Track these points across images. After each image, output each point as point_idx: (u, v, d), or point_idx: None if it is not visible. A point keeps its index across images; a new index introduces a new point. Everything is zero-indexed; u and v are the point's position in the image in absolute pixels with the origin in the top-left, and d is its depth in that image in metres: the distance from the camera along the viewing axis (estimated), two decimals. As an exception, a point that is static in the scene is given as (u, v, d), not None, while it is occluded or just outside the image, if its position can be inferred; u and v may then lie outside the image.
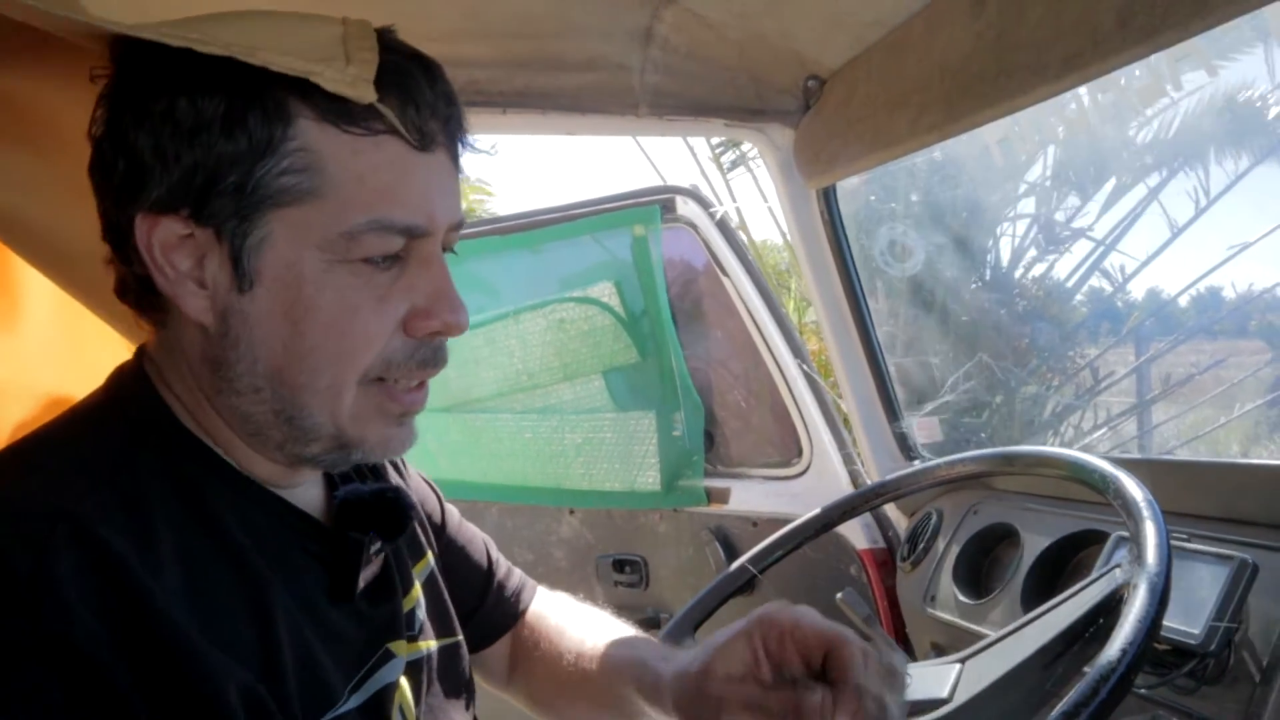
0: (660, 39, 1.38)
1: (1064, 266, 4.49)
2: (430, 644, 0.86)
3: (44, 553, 0.56)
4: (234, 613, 0.65)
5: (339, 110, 0.64)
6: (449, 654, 0.89)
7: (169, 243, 0.65)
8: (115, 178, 0.66)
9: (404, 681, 0.80)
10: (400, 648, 0.80)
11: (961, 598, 1.31)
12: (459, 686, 0.90)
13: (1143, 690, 0.98)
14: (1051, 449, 1.05)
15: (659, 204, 1.93)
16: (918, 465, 1.25)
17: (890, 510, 1.67)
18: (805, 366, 1.77)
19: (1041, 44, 1.03)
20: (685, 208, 1.90)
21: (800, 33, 1.38)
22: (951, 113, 1.17)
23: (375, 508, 0.79)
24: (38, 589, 0.55)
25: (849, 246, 1.59)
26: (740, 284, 1.84)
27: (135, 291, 0.70)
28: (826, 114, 1.46)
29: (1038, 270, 4.43)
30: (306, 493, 0.78)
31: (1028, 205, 4.52)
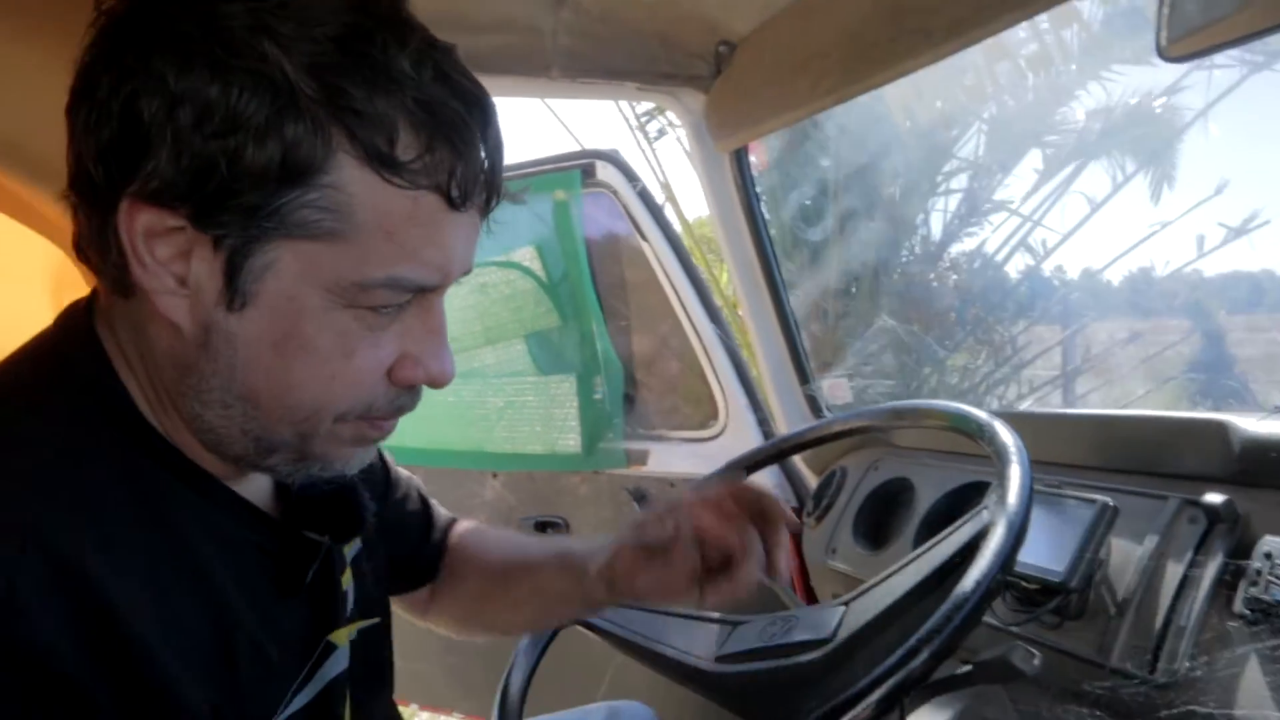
0: (572, 1, 1.39)
1: (989, 241, 4.60)
2: (357, 625, 0.84)
3: (11, 572, 0.54)
4: (194, 616, 0.63)
5: (384, 157, 0.58)
6: (373, 636, 0.87)
7: (154, 230, 0.58)
8: (105, 136, 0.58)
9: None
10: (340, 637, 0.79)
11: (859, 550, 1.36)
12: (382, 669, 0.91)
13: (1013, 627, 1.04)
14: (936, 401, 1.09)
15: (579, 169, 1.94)
16: (815, 422, 1.30)
17: (803, 470, 1.72)
18: (721, 331, 1.80)
19: (929, 9, 1.07)
20: (605, 173, 1.92)
21: (710, -2, 1.40)
22: (849, 76, 1.21)
23: (332, 508, 0.77)
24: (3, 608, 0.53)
25: (761, 210, 1.62)
26: (659, 249, 1.86)
27: (96, 248, 0.62)
28: (736, 78, 1.48)
29: (965, 244, 4.53)
30: (253, 483, 0.74)
31: (957, 181, 4.61)
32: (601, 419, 1.94)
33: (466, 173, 0.60)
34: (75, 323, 0.68)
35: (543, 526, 2.09)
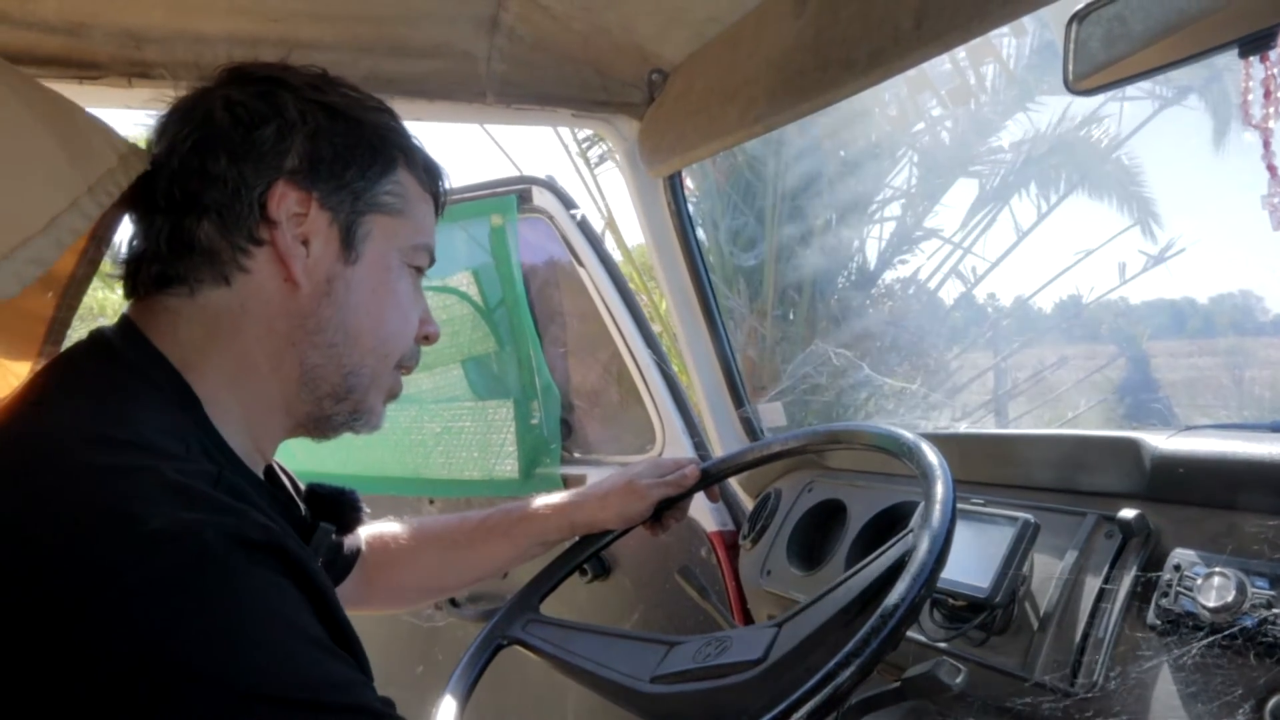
0: (506, 28, 1.40)
1: (922, 268, 4.70)
2: None
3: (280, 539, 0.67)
4: None
5: (419, 175, 0.90)
6: None
7: (291, 211, 0.81)
8: (258, 138, 0.81)
9: None
10: None
11: (794, 570, 1.37)
12: None
13: (941, 643, 1.06)
14: (866, 424, 1.12)
15: (516, 194, 1.94)
16: (750, 445, 1.31)
17: (739, 493, 1.73)
18: (657, 356, 1.81)
19: (851, 41, 1.10)
20: (541, 198, 1.93)
21: (642, 27, 1.43)
22: (775, 105, 1.24)
23: (338, 501, 0.98)
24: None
25: (695, 235, 1.64)
26: (595, 274, 1.87)
27: (164, 259, 0.81)
28: (668, 106, 1.51)
29: (899, 270, 4.63)
30: None
31: (890, 210, 4.71)
32: (538, 444, 1.94)
33: (444, 194, 0.95)
34: (117, 347, 0.79)
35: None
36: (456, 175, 1.01)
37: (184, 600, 0.59)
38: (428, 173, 0.92)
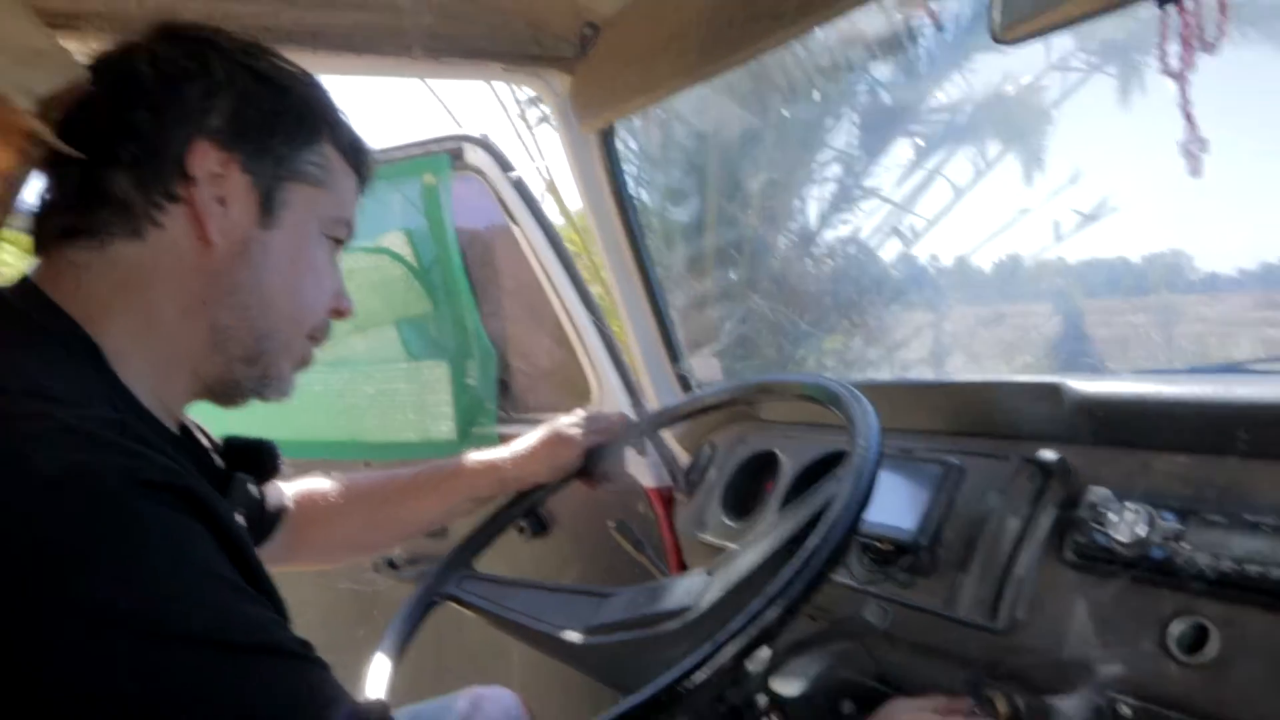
0: (431, -22, 1.37)
1: (862, 227, 4.74)
2: None
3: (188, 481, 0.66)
4: None
5: (344, 149, 0.89)
6: None
7: (211, 170, 0.79)
8: (182, 95, 0.79)
9: None
10: None
11: (728, 522, 1.39)
12: None
13: (870, 587, 1.08)
14: (796, 375, 1.13)
15: (448, 153, 1.91)
16: (684, 398, 1.32)
17: (676, 448, 1.74)
18: (593, 314, 1.80)
19: (779, -11, 1.09)
20: (475, 156, 1.90)
21: (572, -22, 1.40)
22: (707, 56, 1.23)
23: (255, 451, 0.96)
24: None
25: (629, 191, 1.63)
26: (530, 232, 1.85)
27: (74, 210, 0.79)
28: (600, 59, 1.49)
29: (839, 230, 4.66)
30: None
31: (832, 170, 4.73)
32: (475, 404, 1.93)
33: (369, 171, 0.94)
34: (20, 299, 0.77)
35: (419, 515, 2.06)
36: (397, 134, 1.01)
37: (85, 542, 0.57)
38: (353, 148, 0.91)
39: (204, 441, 0.95)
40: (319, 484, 1.29)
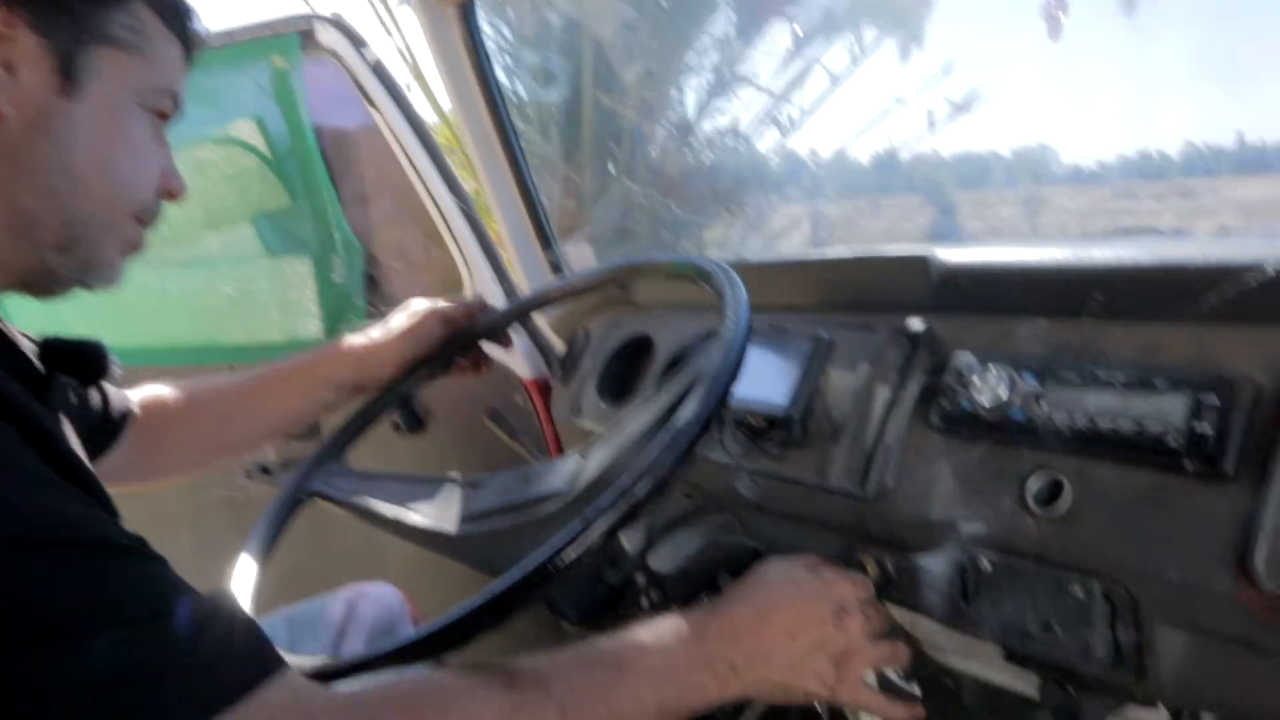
0: None
1: (741, 117, 4.70)
2: None
3: None
4: None
5: (161, 9, 0.81)
6: None
7: None
8: None
9: None
10: None
11: (604, 406, 1.38)
12: None
13: (743, 462, 1.08)
14: (664, 253, 1.10)
15: (298, 33, 1.78)
16: (553, 282, 1.28)
17: (552, 337, 1.71)
18: (460, 201, 1.73)
19: None
20: (328, 37, 1.77)
21: None
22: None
23: (79, 352, 0.88)
24: None
25: (492, 69, 1.55)
26: (391, 117, 1.75)
27: None
28: (454, -77, 1.39)
29: (717, 120, 4.62)
30: None
31: (710, 58, 4.65)
32: (343, 301, 1.85)
33: (196, 35, 0.86)
34: None
35: (291, 418, 1.99)
36: (242, 16, 0.92)
37: None
38: (172, 9, 0.83)
39: (19, 344, 0.87)
40: (167, 387, 1.22)
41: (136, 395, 1.18)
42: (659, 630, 0.83)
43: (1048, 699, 0.90)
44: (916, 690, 1.05)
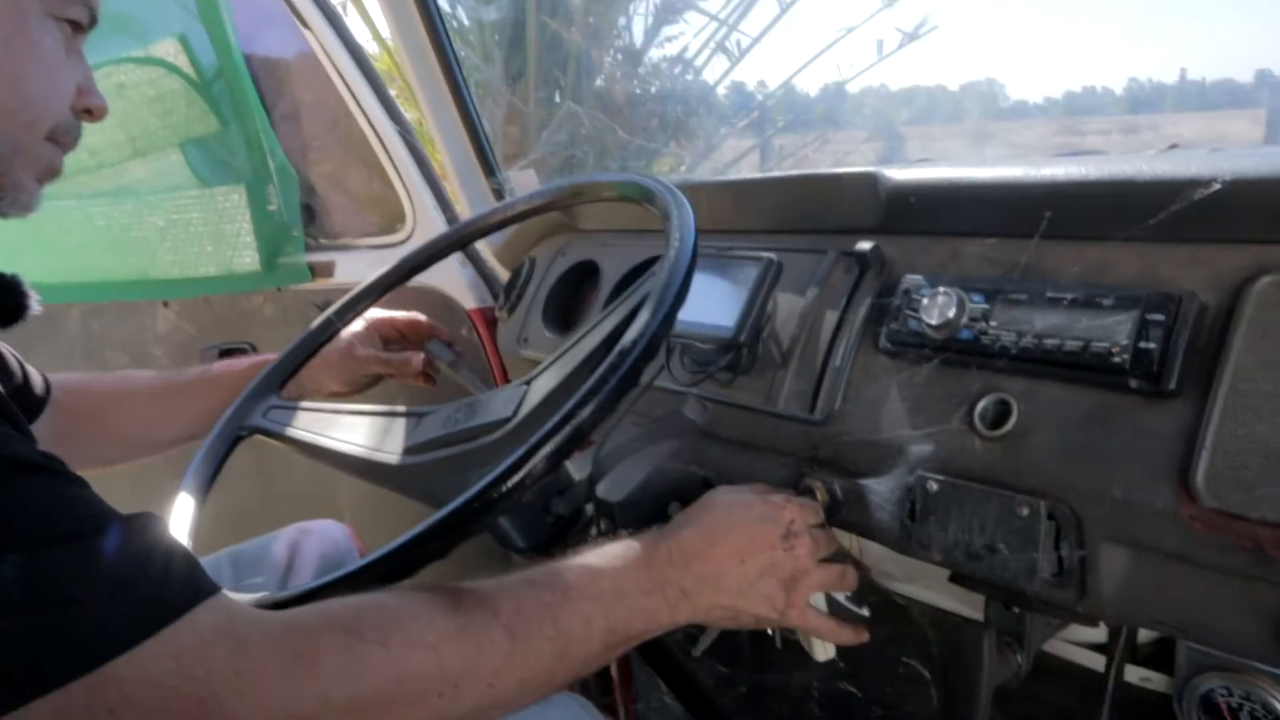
0: None
1: (690, 47, 4.62)
2: None
3: None
4: None
5: None
6: None
7: None
8: None
9: None
10: None
11: (549, 335, 1.35)
12: None
13: (691, 389, 1.07)
14: (607, 174, 1.07)
15: (222, -55, 1.69)
16: (498, 204, 1.24)
17: (496, 266, 1.67)
18: (401, 128, 1.67)
19: None
20: (254, -50, 1.69)
21: None
22: None
23: None
24: None
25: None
26: (324, 38, 1.68)
27: None
28: None
29: (665, 49, 4.53)
30: None
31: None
32: (279, 232, 1.79)
33: None
34: None
35: (229, 354, 1.93)
36: None
37: None
38: None
39: None
40: (91, 378, 1.20)
41: (59, 381, 1.15)
42: (608, 554, 0.82)
43: (993, 619, 0.91)
44: (865, 614, 1.06)
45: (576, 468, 1.01)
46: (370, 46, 3.28)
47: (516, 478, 0.72)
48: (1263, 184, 0.75)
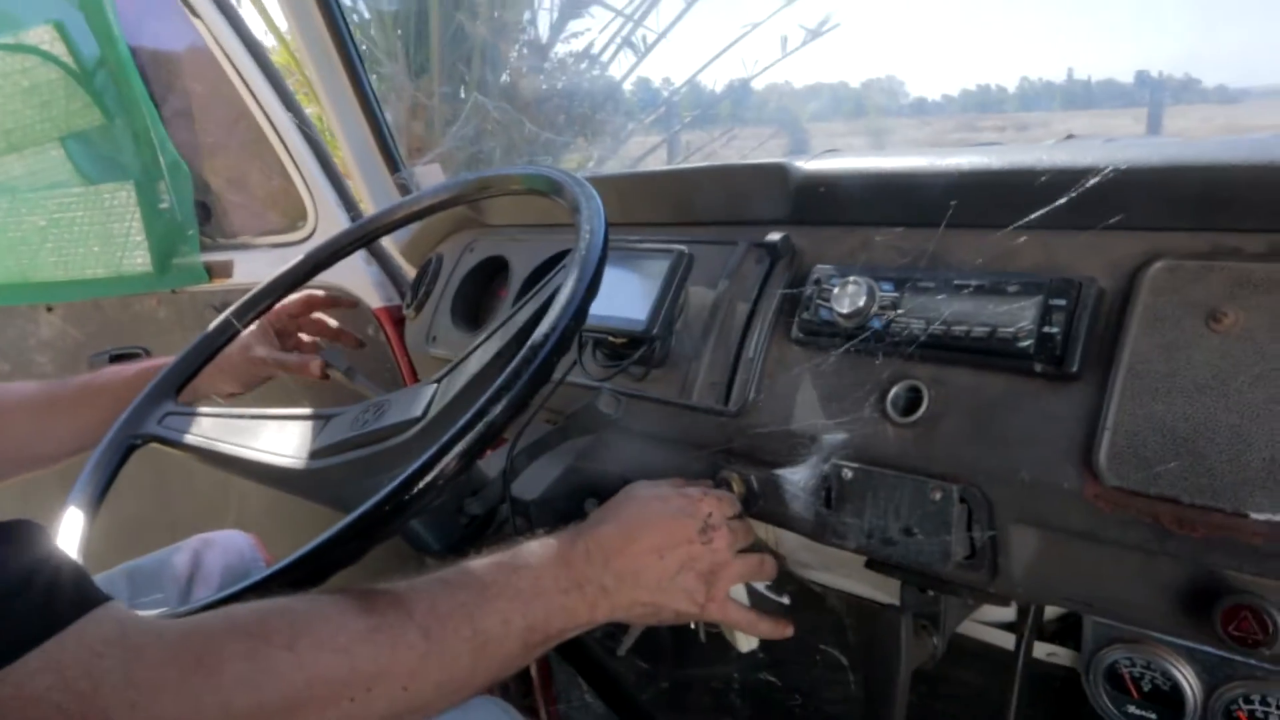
0: None
1: (596, 42, 4.61)
2: None
3: None
4: None
5: None
6: None
7: None
8: None
9: None
10: None
11: (458, 332, 1.32)
12: None
13: (604, 384, 1.05)
14: (515, 166, 1.05)
15: (103, -70, 1.61)
16: (402, 199, 1.21)
17: (403, 264, 1.63)
18: (300, 121, 1.62)
19: None
20: (138, -64, 1.61)
21: None
22: None
23: None
24: None
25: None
26: (216, 27, 1.61)
27: None
28: None
29: (571, 44, 4.50)
30: None
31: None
32: (172, 231, 1.71)
33: None
34: None
35: (120, 360, 1.85)
36: None
37: None
38: None
39: None
40: None
41: None
42: (525, 552, 0.80)
43: (908, 603, 0.92)
44: (786, 603, 1.06)
45: (490, 467, 0.99)
46: (267, 40, 3.18)
47: (429, 478, 0.69)
48: (1153, 172, 0.78)
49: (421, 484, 0.69)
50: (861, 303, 0.88)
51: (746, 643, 0.99)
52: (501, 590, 0.75)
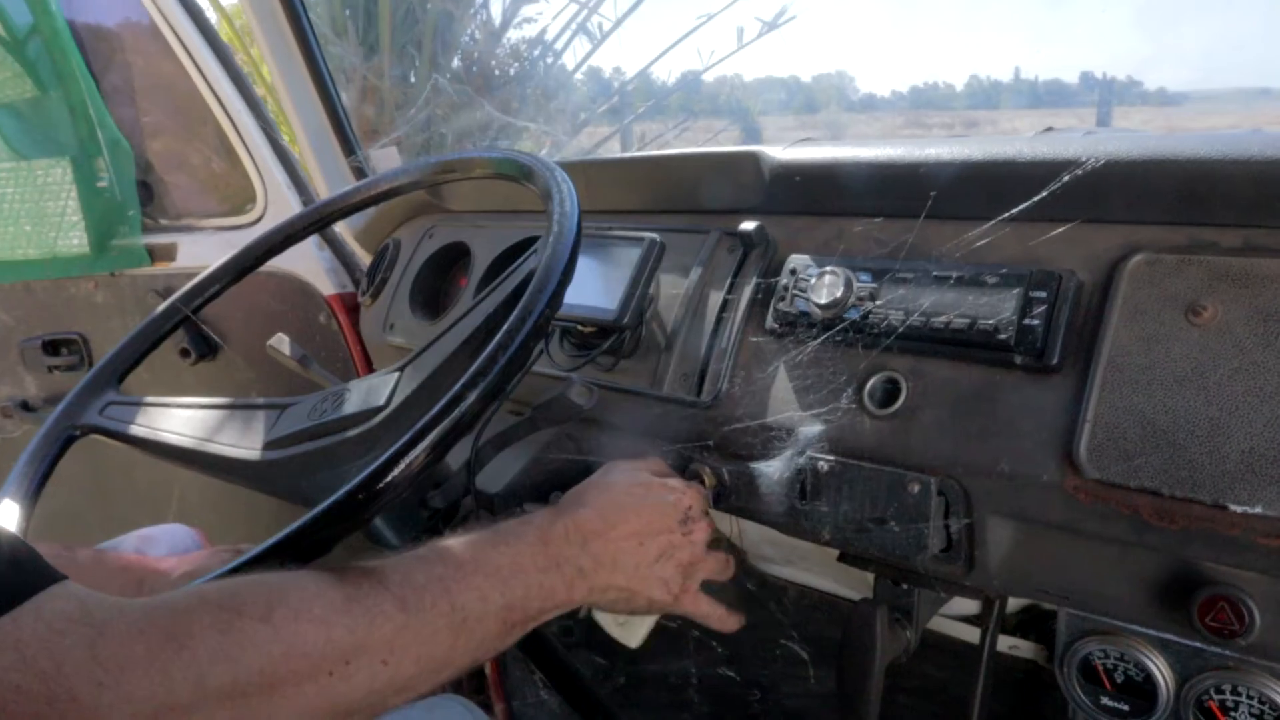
0: None
1: (550, 28, 4.55)
2: None
3: None
4: None
5: None
6: None
7: None
8: None
9: None
10: None
11: (418, 320, 1.29)
12: None
13: (573, 373, 1.03)
14: (482, 150, 1.02)
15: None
16: (358, 183, 1.16)
17: (357, 250, 1.59)
18: (248, 100, 1.56)
19: None
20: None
21: None
22: None
23: None
24: None
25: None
26: (161, 2, 1.55)
27: None
28: None
29: (526, 30, 4.45)
30: None
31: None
32: (111, 211, 1.64)
33: None
34: None
35: (54, 347, 1.77)
36: None
37: None
38: None
39: None
40: None
41: None
42: (502, 530, 0.77)
43: (881, 595, 0.91)
44: (742, 600, 1.05)
45: (453, 458, 0.96)
46: (210, 17, 3.08)
47: (400, 467, 0.66)
48: (1132, 166, 0.78)
49: (395, 472, 0.66)
50: (839, 293, 0.87)
51: (636, 639, 0.98)
52: (479, 566, 0.72)
